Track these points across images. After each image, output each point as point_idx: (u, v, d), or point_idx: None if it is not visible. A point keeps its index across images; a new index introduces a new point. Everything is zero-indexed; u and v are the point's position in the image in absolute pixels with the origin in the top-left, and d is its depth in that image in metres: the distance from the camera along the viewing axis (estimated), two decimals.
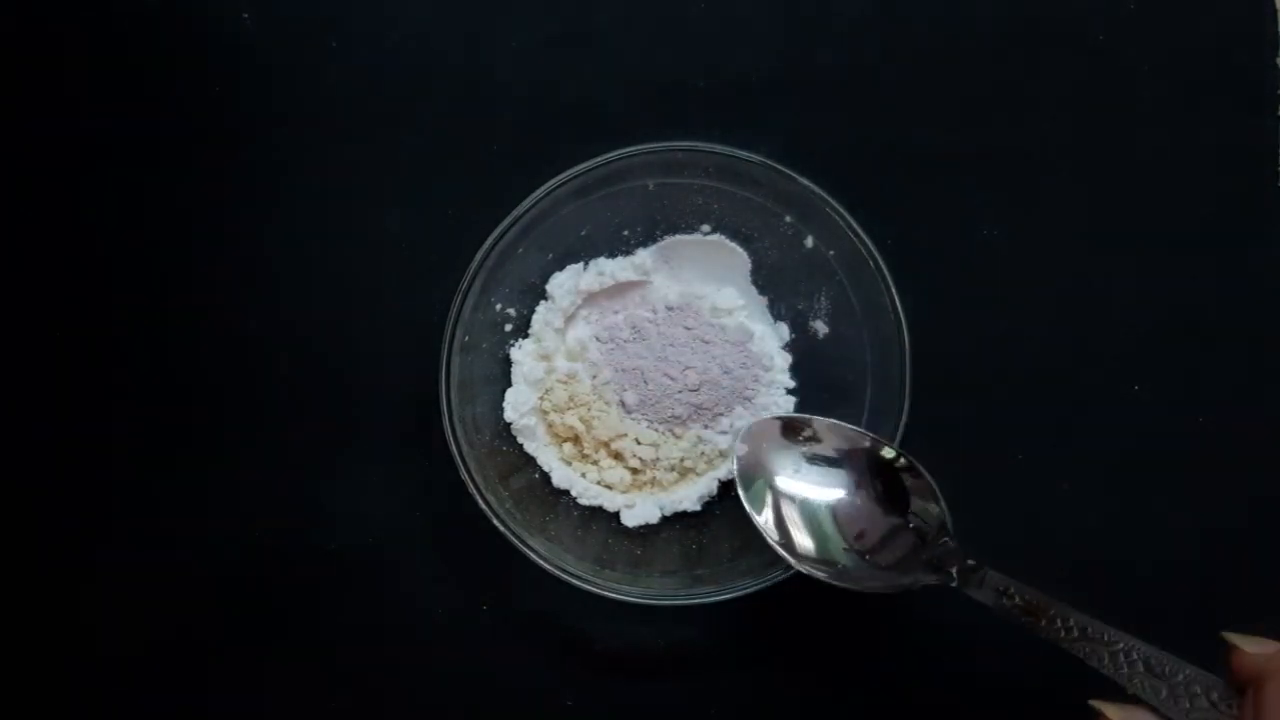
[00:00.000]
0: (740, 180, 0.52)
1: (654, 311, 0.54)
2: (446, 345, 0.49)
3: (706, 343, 0.54)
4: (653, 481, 0.54)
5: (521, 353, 0.54)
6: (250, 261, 0.52)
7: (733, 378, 0.53)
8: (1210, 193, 0.51)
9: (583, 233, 0.54)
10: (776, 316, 0.56)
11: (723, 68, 0.54)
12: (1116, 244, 0.52)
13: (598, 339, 0.54)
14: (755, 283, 0.57)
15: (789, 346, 0.56)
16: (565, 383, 0.54)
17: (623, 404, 0.54)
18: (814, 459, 0.49)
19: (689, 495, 0.54)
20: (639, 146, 0.50)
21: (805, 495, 0.48)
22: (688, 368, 0.53)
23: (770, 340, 0.55)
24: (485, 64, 0.53)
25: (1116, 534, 0.51)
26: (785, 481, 0.49)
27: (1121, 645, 0.36)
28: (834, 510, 0.48)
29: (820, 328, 0.55)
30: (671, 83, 0.54)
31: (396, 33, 0.53)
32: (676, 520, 0.54)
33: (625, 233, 0.55)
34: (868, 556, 0.46)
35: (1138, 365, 0.51)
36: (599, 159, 0.51)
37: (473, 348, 0.51)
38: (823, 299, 0.55)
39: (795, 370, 0.55)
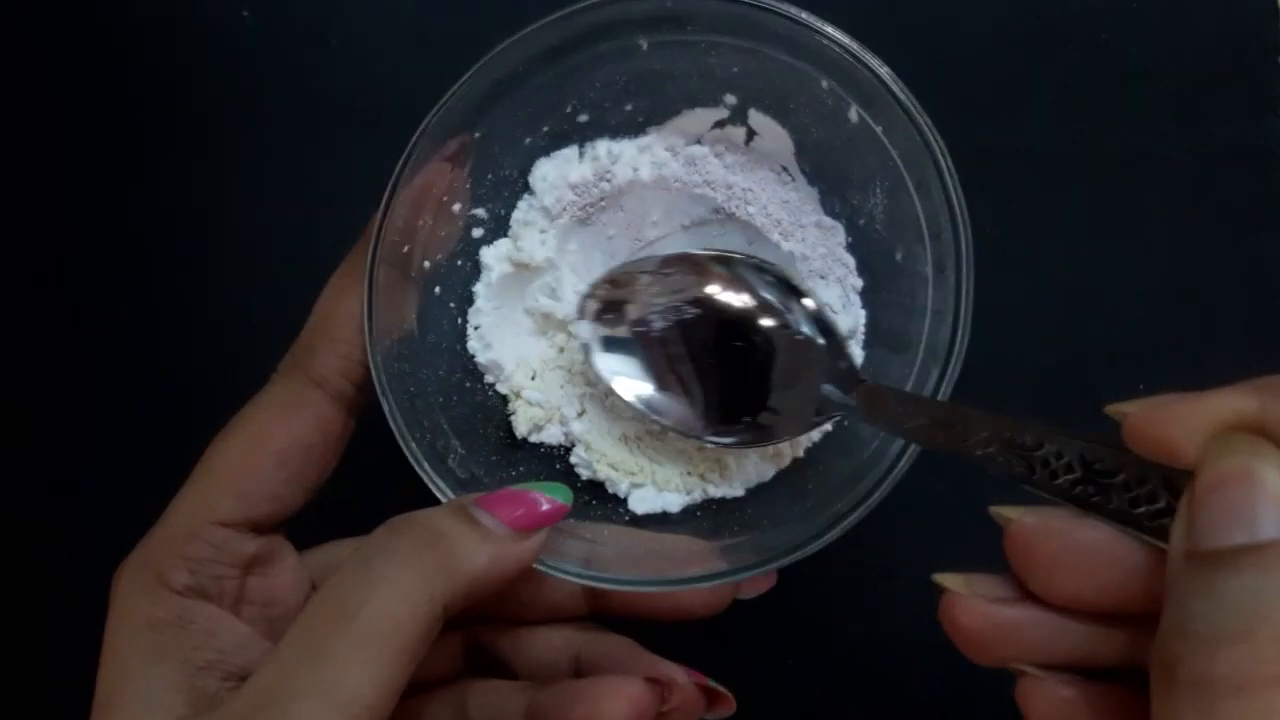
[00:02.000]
0: (760, 36, 0.40)
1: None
2: (370, 257, 0.39)
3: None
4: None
5: (493, 254, 0.43)
6: (250, 260, 0.51)
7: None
8: (1214, 193, 0.50)
9: (568, 109, 0.43)
10: (829, 212, 0.44)
11: None
12: (1119, 244, 0.50)
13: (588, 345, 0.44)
14: (802, 169, 0.44)
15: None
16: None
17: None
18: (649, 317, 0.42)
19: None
20: None
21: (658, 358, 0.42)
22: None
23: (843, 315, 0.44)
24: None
25: None
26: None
27: (1049, 447, 0.29)
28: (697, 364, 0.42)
29: (878, 226, 0.42)
30: None
31: (396, 31, 0.51)
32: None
33: (629, 107, 0.43)
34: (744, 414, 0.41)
35: (1141, 365, 0.49)
36: (563, 12, 0.39)
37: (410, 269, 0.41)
38: (878, 189, 0.41)
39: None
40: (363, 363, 0.39)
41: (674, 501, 0.43)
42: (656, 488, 0.43)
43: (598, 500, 0.43)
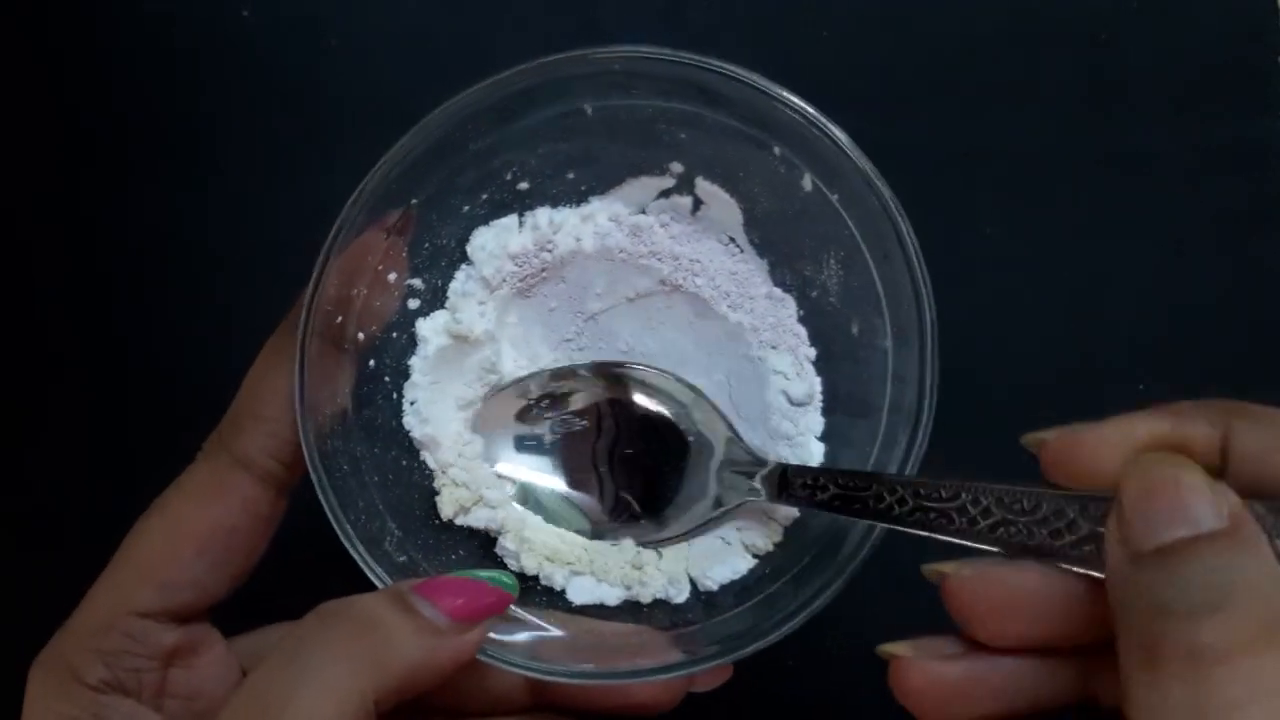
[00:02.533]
0: (709, 101, 0.38)
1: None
2: (301, 329, 0.37)
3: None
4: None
5: (430, 326, 0.41)
6: (249, 260, 0.50)
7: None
8: (1215, 192, 0.50)
9: (508, 176, 0.41)
10: (779, 284, 0.42)
11: None
12: (1119, 244, 0.50)
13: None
14: (751, 240, 0.42)
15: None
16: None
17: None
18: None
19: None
20: (560, 55, 0.37)
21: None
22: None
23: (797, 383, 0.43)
24: (487, 62, 0.46)
25: None
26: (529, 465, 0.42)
27: (965, 496, 0.30)
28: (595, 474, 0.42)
29: (831, 299, 0.41)
30: None
31: (396, 31, 0.52)
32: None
33: (571, 175, 0.42)
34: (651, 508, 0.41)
35: (1142, 365, 0.49)
36: (505, 73, 0.37)
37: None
38: (832, 260, 0.40)
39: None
40: (292, 441, 0.36)
41: (612, 595, 0.41)
42: (595, 578, 0.41)
43: (540, 586, 0.41)
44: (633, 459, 0.42)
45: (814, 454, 0.41)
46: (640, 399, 0.42)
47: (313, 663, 0.30)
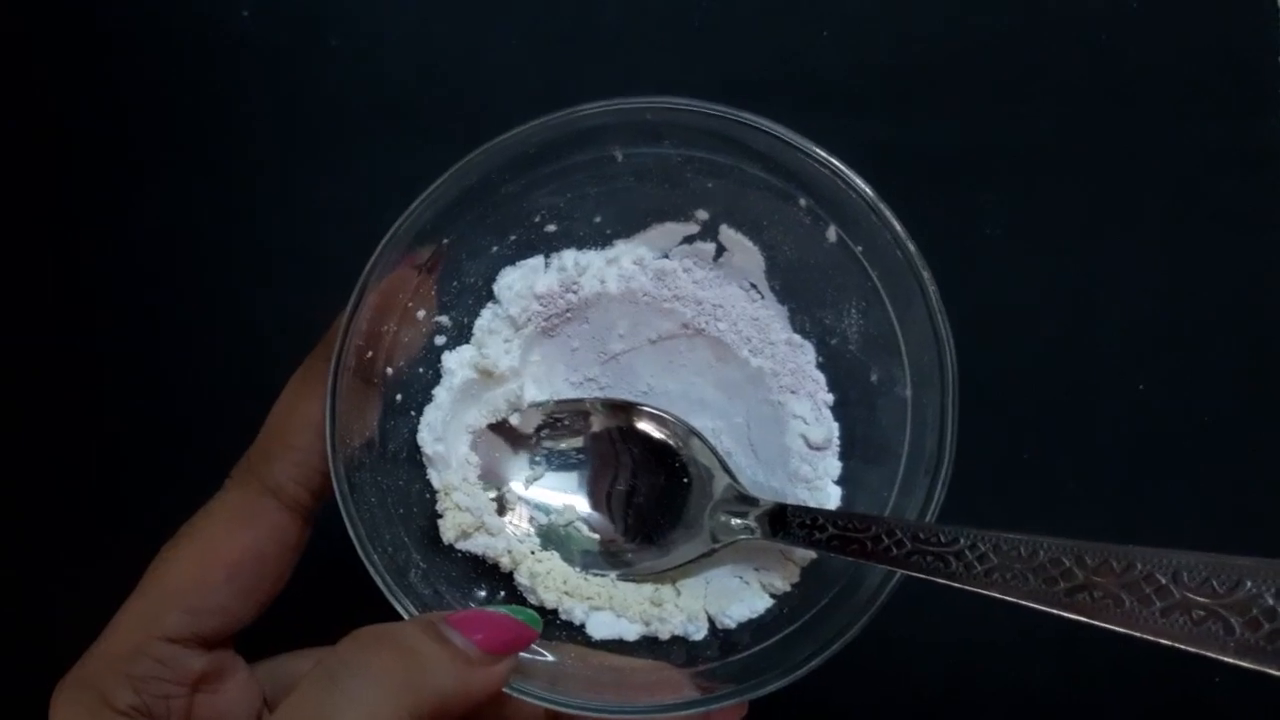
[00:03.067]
0: (738, 152, 0.39)
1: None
2: (334, 361, 0.37)
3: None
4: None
5: (456, 360, 0.42)
6: (249, 260, 0.51)
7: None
8: (1215, 192, 0.51)
9: (536, 219, 0.42)
10: (798, 330, 0.43)
11: (719, 68, 0.53)
12: (1120, 244, 0.51)
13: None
14: (772, 287, 0.43)
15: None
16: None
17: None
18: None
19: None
20: (595, 104, 0.38)
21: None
22: None
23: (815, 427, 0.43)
24: (486, 62, 0.52)
25: (1121, 531, 0.47)
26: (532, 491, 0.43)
27: (963, 541, 0.31)
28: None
29: (851, 347, 0.42)
30: (671, 80, 0.52)
31: (396, 31, 0.52)
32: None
33: (598, 219, 0.43)
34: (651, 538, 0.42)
35: (1143, 365, 0.50)
36: (540, 120, 0.38)
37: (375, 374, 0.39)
38: (852, 310, 0.41)
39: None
40: (321, 470, 0.37)
41: (631, 630, 0.41)
42: (615, 613, 0.41)
43: (560, 620, 0.41)
44: (636, 488, 0.43)
45: (831, 497, 0.42)
46: (645, 429, 0.43)
47: (353, 686, 0.31)
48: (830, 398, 0.43)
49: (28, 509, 0.50)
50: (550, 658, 0.39)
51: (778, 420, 0.43)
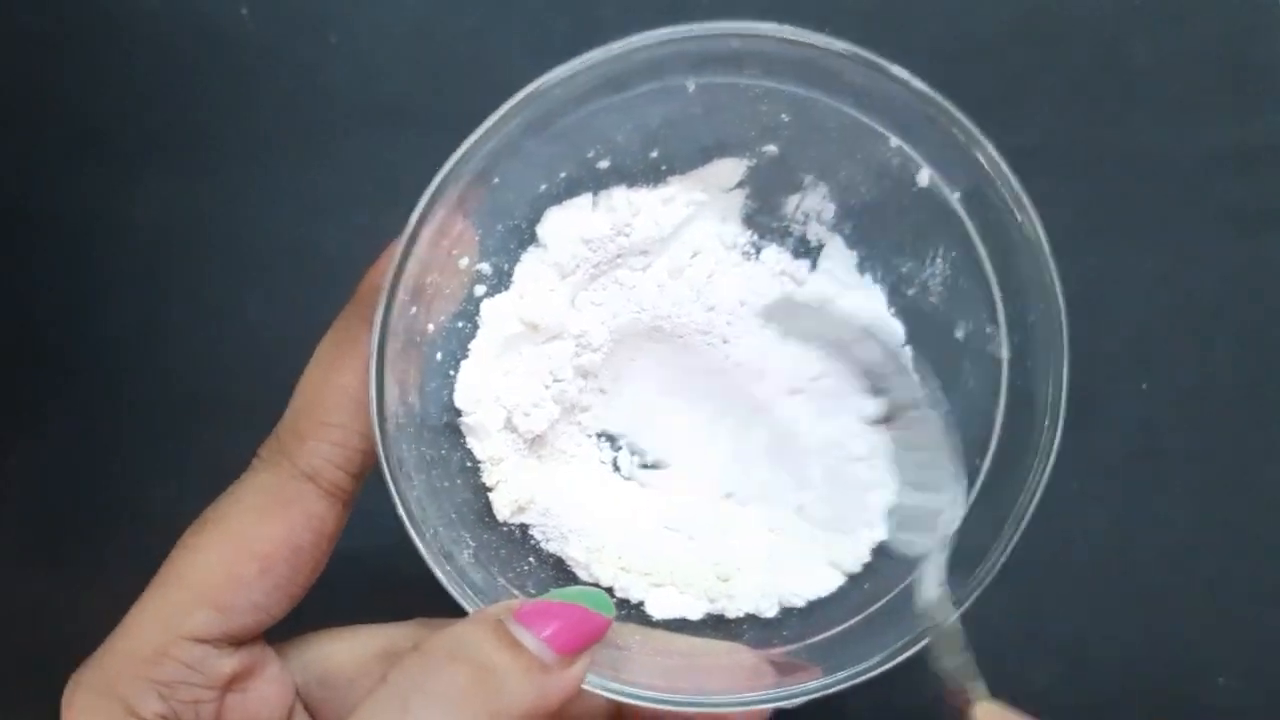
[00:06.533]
0: (825, 84, 0.35)
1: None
2: (379, 323, 0.33)
3: None
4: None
5: (496, 309, 0.38)
6: (248, 259, 0.50)
7: None
8: (1214, 193, 0.50)
9: (590, 154, 0.38)
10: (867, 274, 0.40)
11: None
12: (1120, 243, 0.50)
13: None
14: (840, 230, 0.40)
15: None
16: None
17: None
18: None
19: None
20: (668, 30, 0.33)
21: None
22: None
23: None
24: (488, 59, 0.51)
25: (1124, 533, 0.50)
26: None
27: None
28: None
29: (933, 299, 0.38)
30: None
31: (396, 30, 0.51)
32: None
33: (654, 153, 0.38)
34: None
35: (1144, 364, 0.49)
36: (608, 48, 0.33)
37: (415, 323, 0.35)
38: (938, 259, 0.38)
39: None
40: (361, 449, 0.33)
41: (696, 609, 0.38)
42: (677, 589, 0.38)
43: (615, 598, 0.38)
44: None
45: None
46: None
47: (428, 717, 0.28)
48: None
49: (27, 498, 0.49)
50: (614, 642, 0.36)
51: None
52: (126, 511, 0.49)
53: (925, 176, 0.36)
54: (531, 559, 0.38)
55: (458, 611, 0.34)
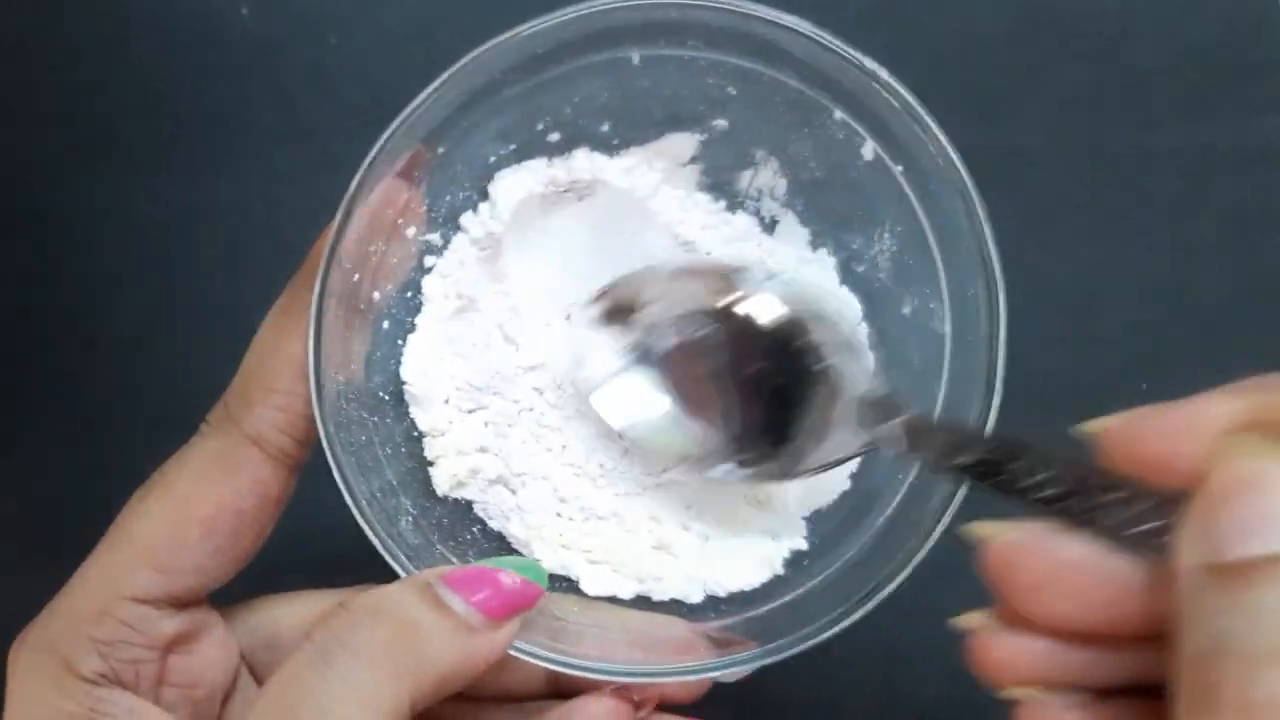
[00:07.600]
0: (769, 56, 0.35)
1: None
2: (318, 290, 0.33)
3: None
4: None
5: (433, 282, 0.38)
6: (247, 259, 0.50)
7: None
8: (1214, 193, 0.50)
9: (539, 126, 0.38)
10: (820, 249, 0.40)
11: None
12: (1119, 244, 0.50)
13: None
14: (792, 206, 0.40)
15: None
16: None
17: None
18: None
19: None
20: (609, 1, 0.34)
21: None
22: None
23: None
24: None
25: None
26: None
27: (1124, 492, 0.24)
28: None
29: (881, 275, 0.38)
30: None
31: (396, 30, 0.51)
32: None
33: (605, 127, 0.39)
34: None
35: (1141, 365, 0.49)
36: (551, 16, 0.34)
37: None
38: (885, 235, 0.38)
39: None
40: (306, 415, 0.33)
41: (626, 589, 0.38)
42: (611, 568, 0.39)
43: (552, 572, 0.38)
44: (749, 384, 0.37)
45: None
46: (765, 312, 0.36)
47: (348, 667, 0.28)
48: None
49: None
50: (552, 613, 0.36)
51: None
52: (99, 498, 0.49)
53: (870, 150, 0.36)
54: (475, 529, 0.38)
55: None
